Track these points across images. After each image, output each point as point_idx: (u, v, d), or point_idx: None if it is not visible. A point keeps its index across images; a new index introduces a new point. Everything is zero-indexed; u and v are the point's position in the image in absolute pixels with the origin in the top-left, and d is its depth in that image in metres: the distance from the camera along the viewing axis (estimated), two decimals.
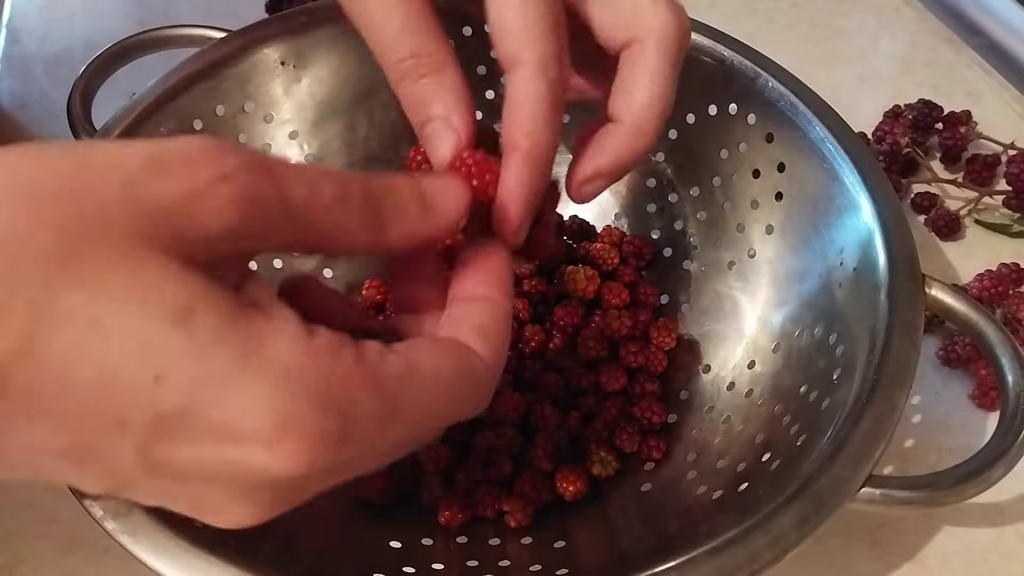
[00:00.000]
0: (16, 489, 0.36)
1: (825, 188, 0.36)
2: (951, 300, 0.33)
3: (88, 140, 0.16)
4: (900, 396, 0.29)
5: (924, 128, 0.49)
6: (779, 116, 0.37)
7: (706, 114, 0.39)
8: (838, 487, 0.27)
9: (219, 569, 0.25)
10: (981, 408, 0.39)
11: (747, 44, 0.39)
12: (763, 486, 0.30)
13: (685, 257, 0.41)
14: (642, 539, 0.33)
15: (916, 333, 0.31)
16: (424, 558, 0.32)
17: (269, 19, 0.42)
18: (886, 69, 0.56)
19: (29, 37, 0.56)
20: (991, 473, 0.29)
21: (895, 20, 0.59)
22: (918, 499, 0.28)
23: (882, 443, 0.28)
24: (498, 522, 0.35)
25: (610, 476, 0.36)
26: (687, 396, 0.39)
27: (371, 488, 0.35)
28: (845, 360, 0.32)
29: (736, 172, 0.39)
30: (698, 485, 0.34)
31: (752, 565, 0.26)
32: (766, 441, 0.33)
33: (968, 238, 0.46)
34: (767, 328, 0.37)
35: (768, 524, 0.26)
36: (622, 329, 0.39)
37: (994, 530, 0.36)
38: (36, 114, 0.51)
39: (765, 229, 0.39)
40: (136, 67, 0.42)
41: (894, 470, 0.37)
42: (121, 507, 0.26)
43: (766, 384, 0.36)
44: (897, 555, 0.35)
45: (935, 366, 0.41)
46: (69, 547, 0.34)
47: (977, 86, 0.53)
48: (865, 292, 0.32)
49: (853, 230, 0.34)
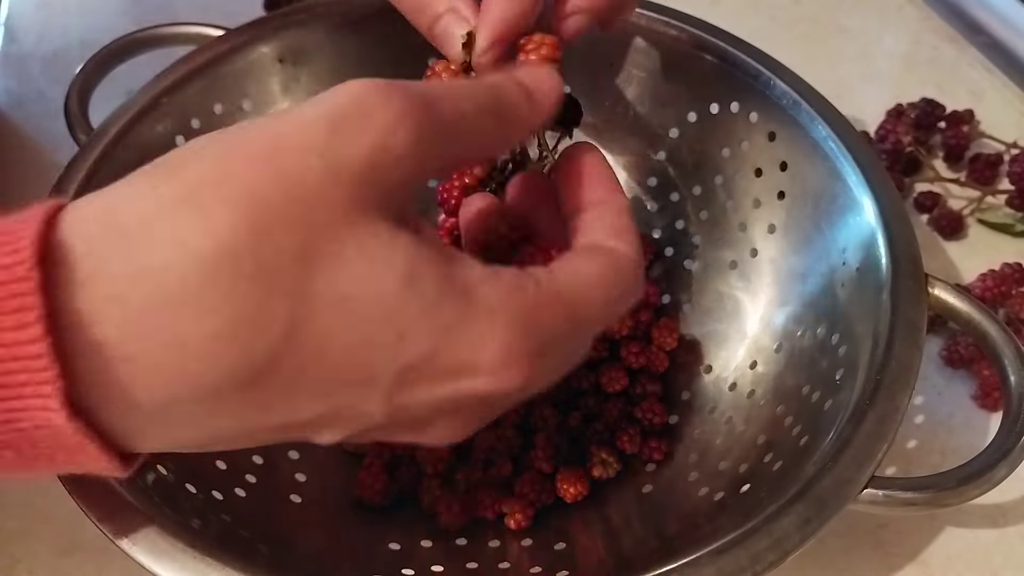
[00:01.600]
0: (13, 490, 0.36)
1: (827, 187, 0.35)
2: (954, 300, 0.32)
3: (264, 118, 0.19)
4: (903, 397, 0.29)
5: (927, 127, 0.49)
6: (781, 114, 0.37)
7: (708, 112, 0.39)
8: (840, 488, 0.27)
9: (217, 571, 0.25)
10: (984, 409, 0.39)
11: (749, 42, 0.39)
12: (765, 487, 0.30)
13: (687, 256, 0.41)
14: (643, 541, 0.33)
15: (919, 333, 0.30)
16: (424, 560, 0.32)
17: (267, 17, 0.42)
18: (888, 67, 0.56)
19: (26, 35, 0.56)
20: (994, 474, 0.28)
21: (897, 18, 0.58)
22: (921, 500, 0.28)
23: (885, 444, 0.28)
24: (498, 524, 0.34)
25: (611, 477, 0.36)
26: (689, 397, 0.38)
27: (370, 490, 0.34)
28: (848, 360, 0.32)
29: (738, 171, 0.39)
30: (700, 486, 0.33)
31: (754, 567, 0.25)
32: (768, 442, 0.33)
33: (971, 237, 0.46)
34: (769, 328, 0.37)
35: (770, 526, 0.26)
36: (623, 329, 0.39)
37: (997, 531, 0.35)
38: (33, 112, 0.51)
39: (767, 228, 0.38)
40: (133, 65, 0.41)
41: (897, 471, 0.37)
42: (119, 509, 0.26)
43: (768, 385, 0.36)
44: (900, 556, 0.35)
45: (938, 366, 0.41)
46: (66, 548, 0.34)
47: (980, 85, 0.53)
48: (868, 292, 0.32)
49: (856, 229, 0.34)
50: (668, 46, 0.39)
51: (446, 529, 0.34)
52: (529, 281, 0.21)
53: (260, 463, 0.34)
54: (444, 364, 0.19)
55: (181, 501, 0.29)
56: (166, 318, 0.17)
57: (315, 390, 0.19)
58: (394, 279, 0.19)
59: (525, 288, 0.20)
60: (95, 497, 0.26)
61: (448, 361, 0.19)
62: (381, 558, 0.32)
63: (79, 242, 0.18)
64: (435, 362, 0.19)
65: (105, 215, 0.18)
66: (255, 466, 0.33)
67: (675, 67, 0.40)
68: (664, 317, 0.40)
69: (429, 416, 0.21)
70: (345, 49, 0.41)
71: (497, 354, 0.19)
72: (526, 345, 0.20)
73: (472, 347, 0.19)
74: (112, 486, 0.26)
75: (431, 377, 0.19)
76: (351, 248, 0.18)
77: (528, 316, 0.20)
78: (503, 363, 0.20)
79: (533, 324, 0.20)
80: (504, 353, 0.20)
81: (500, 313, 0.20)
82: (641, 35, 0.40)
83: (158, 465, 0.30)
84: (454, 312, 0.19)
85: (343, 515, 0.34)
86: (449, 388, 0.20)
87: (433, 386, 0.20)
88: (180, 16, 0.43)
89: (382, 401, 0.20)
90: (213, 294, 0.17)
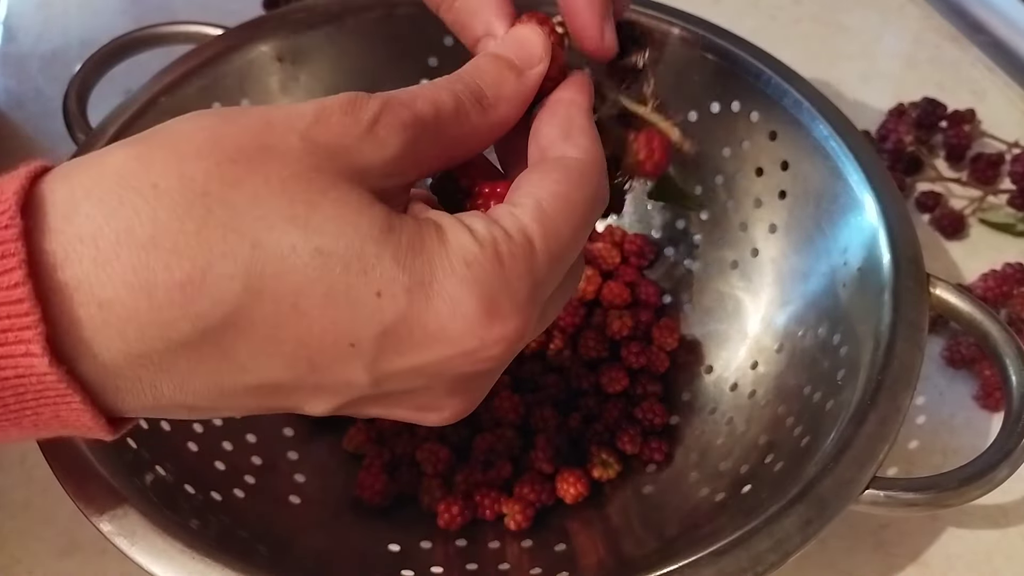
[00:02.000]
0: (13, 490, 0.36)
1: (829, 186, 0.35)
2: (955, 300, 0.32)
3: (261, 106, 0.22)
4: (904, 397, 0.29)
5: (928, 126, 0.49)
6: (782, 114, 0.37)
7: (708, 112, 0.39)
8: (842, 489, 0.27)
9: (216, 572, 0.25)
10: (985, 409, 0.39)
11: (750, 41, 0.39)
12: (766, 488, 0.30)
13: (687, 256, 0.41)
14: (643, 542, 0.33)
15: (920, 333, 0.30)
16: (423, 561, 0.32)
17: (266, 16, 0.42)
18: (890, 67, 0.56)
19: (25, 34, 0.56)
20: (995, 474, 0.28)
21: (899, 17, 0.58)
22: (922, 501, 0.28)
23: (886, 444, 0.28)
24: (498, 525, 0.34)
25: (611, 478, 0.36)
26: (689, 397, 0.38)
27: (370, 490, 0.34)
28: (849, 361, 0.31)
29: (739, 170, 0.39)
30: (700, 487, 0.33)
31: (755, 568, 0.25)
32: (769, 442, 0.33)
33: (972, 237, 0.46)
34: (770, 328, 0.37)
35: (771, 526, 0.26)
36: (623, 329, 0.39)
37: (998, 531, 0.35)
38: (32, 112, 0.51)
39: (768, 228, 0.38)
40: (132, 64, 0.41)
41: (898, 472, 0.37)
42: (118, 509, 0.26)
43: (769, 385, 0.36)
44: (901, 557, 0.35)
45: (939, 367, 0.40)
46: (66, 549, 0.34)
47: (981, 84, 0.53)
48: (869, 292, 0.32)
49: (857, 229, 0.34)
50: (669, 45, 0.39)
51: (446, 530, 0.34)
52: (498, 231, 0.20)
53: (259, 464, 0.34)
54: (425, 322, 0.19)
55: (180, 502, 0.29)
56: (137, 261, 0.18)
57: (294, 352, 0.19)
58: (372, 231, 0.19)
59: (496, 239, 0.20)
60: (95, 498, 0.26)
61: (429, 319, 0.19)
62: (381, 559, 0.32)
63: (59, 193, 0.18)
64: (415, 322, 0.19)
65: (88, 167, 0.19)
66: (254, 467, 0.33)
67: (676, 66, 0.39)
68: (665, 317, 0.40)
69: (421, 386, 0.20)
70: (344, 48, 0.40)
71: (476, 309, 0.19)
72: (506, 296, 0.20)
73: (451, 303, 0.19)
74: (112, 486, 0.26)
75: (412, 338, 0.19)
76: (326, 206, 0.19)
77: (504, 269, 0.20)
78: (485, 317, 0.19)
79: (512, 276, 0.20)
80: (484, 311, 0.19)
81: (475, 267, 0.19)
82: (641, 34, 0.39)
83: (157, 466, 0.29)
84: (428, 268, 0.19)
85: (343, 516, 0.34)
86: (435, 350, 0.19)
87: (416, 348, 0.19)
88: (179, 15, 0.43)
89: (366, 367, 0.19)
90: (182, 238, 0.18)
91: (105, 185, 0.18)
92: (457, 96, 0.22)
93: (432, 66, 0.41)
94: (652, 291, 0.41)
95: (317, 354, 0.19)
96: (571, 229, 0.21)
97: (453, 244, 0.20)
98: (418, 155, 0.21)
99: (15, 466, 0.36)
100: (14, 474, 0.36)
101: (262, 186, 0.18)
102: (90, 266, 0.18)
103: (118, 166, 0.18)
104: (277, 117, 0.20)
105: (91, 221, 0.18)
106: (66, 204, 0.18)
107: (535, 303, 0.21)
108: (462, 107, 0.22)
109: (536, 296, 0.21)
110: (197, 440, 0.32)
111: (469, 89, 0.23)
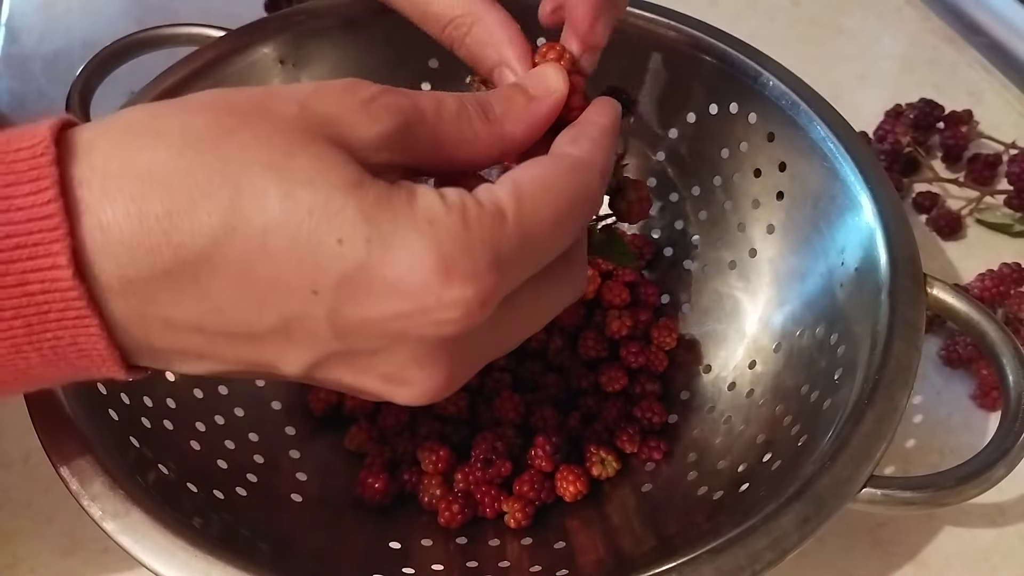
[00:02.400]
0: (15, 489, 0.36)
1: (826, 187, 0.35)
2: (952, 300, 0.32)
3: None
4: (901, 396, 0.29)
5: (925, 127, 0.49)
6: (780, 115, 0.37)
7: (707, 113, 0.39)
8: (839, 488, 0.27)
9: (218, 570, 0.25)
10: (982, 408, 0.39)
11: (748, 43, 0.39)
12: (764, 487, 0.30)
13: (686, 256, 0.41)
14: (642, 540, 0.33)
15: (917, 333, 0.30)
16: (424, 559, 0.32)
17: (268, 18, 0.42)
18: (887, 68, 0.56)
19: (28, 36, 0.56)
20: (992, 473, 0.28)
21: (896, 19, 0.59)
22: (919, 499, 0.28)
23: (883, 443, 0.28)
24: (498, 523, 0.34)
25: (610, 477, 0.36)
26: (688, 396, 0.39)
27: (371, 489, 0.35)
28: (846, 360, 0.32)
29: (737, 171, 0.39)
30: (699, 486, 0.34)
31: (753, 566, 0.26)
32: (767, 441, 0.33)
33: (969, 238, 0.46)
34: (768, 328, 0.37)
35: (769, 525, 0.26)
36: (622, 329, 0.39)
37: (995, 530, 0.36)
38: (34, 113, 0.50)
39: (766, 228, 0.38)
40: (135, 66, 0.41)
41: (895, 470, 0.37)
42: (120, 507, 0.26)
43: (767, 384, 0.36)
44: (898, 555, 0.35)
45: (936, 366, 0.41)
46: (68, 548, 0.34)
47: (979, 85, 0.53)
48: (866, 292, 0.32)
49: (854, 229, 0.34)
50: (667, 47, 0.39)
51: (446, 528, 0.34)
52: (469, 199, 0.21)
53: (261, 462, 0.34)
54: (383, 273, 0.20)
55: (182, 500, 0.29)
56: (134, 190, 0.20)
57: (263, 296, 0.20)
58: (341, 182, 0.20)
59: (465, 204, 0.20)
60: (97, 496, 0.26)
61: (387, 270, 0.20)
62: (382, 556, 0.32)
63: (83, 135, 0.21)
64: (374, 272, 0.20)
65: (107, 120, 0.21)
66: (256, 465, 0.34)
67: (674, 68, 0.40)
68: (663, 317, 0.41)
69: (383, 346, 0.21)
70: (345, 50, 0.41)
71: (434, 264, 0.20)
72: (466, 257, 0.20)
73: (410, 256, 0.20)
74: (115, 485, 0.26)
75: (372, 287, 0.20)
76: (303, 158, 0.20)
77: (468, 231, 0.20)
78: (443, 274, 0.20)
79: (475, 239, 0.20)
80: (442, 268, 0.20)
81: (438, 224, 0.20)
82: (640, 36, 0.40)
83: (159, 464, 0.30)
84: (391, 222, 0.20)
85: (344, 514, 0.34)
86: (391, 302, 0.20)
87: (374, 299, 0.20)
88: (181, 17, 0.43)
89: (326, 316, 0.20)
90: (175, 175, 0.20)
91: (117, 130, 0.21)
92: (461, 101, 0.23)
93: (433, 67, 0.41)
94: (651, 291, 0.41)
95: (283, 299, 0.20)
96: (551, 212, 0.21)
97: (420, 203, 0.20)
98: (411, 141, 0.22)
99: (17, 465, 0.37)
100: (16, 473, 0.36)
101: (251, 137, 0.20)
102: (98, 191, 0.20)
103: (132, 117, 0.21)
104: (281, 89, 0.22)
105: (102, 155, 0.20)
106: (87, 143, 0.20)
107: (499, 273, 0.20)
108: (464, 111, 0.23)
109: (501, 267, 0.20)
110: (199, 439, 0.33)
111: (476, 99, 0.24)
